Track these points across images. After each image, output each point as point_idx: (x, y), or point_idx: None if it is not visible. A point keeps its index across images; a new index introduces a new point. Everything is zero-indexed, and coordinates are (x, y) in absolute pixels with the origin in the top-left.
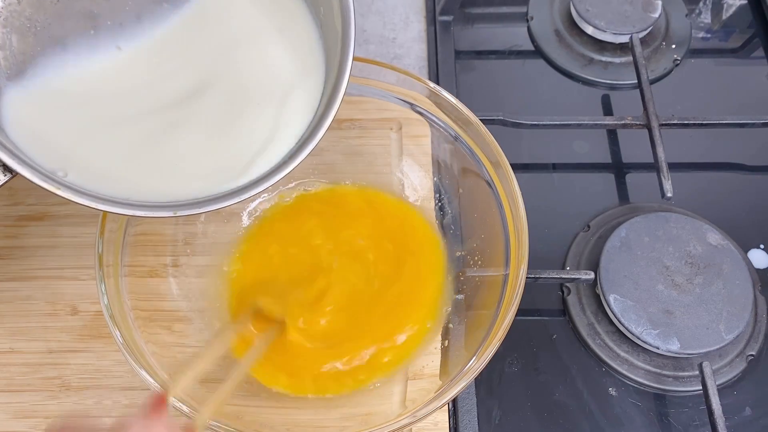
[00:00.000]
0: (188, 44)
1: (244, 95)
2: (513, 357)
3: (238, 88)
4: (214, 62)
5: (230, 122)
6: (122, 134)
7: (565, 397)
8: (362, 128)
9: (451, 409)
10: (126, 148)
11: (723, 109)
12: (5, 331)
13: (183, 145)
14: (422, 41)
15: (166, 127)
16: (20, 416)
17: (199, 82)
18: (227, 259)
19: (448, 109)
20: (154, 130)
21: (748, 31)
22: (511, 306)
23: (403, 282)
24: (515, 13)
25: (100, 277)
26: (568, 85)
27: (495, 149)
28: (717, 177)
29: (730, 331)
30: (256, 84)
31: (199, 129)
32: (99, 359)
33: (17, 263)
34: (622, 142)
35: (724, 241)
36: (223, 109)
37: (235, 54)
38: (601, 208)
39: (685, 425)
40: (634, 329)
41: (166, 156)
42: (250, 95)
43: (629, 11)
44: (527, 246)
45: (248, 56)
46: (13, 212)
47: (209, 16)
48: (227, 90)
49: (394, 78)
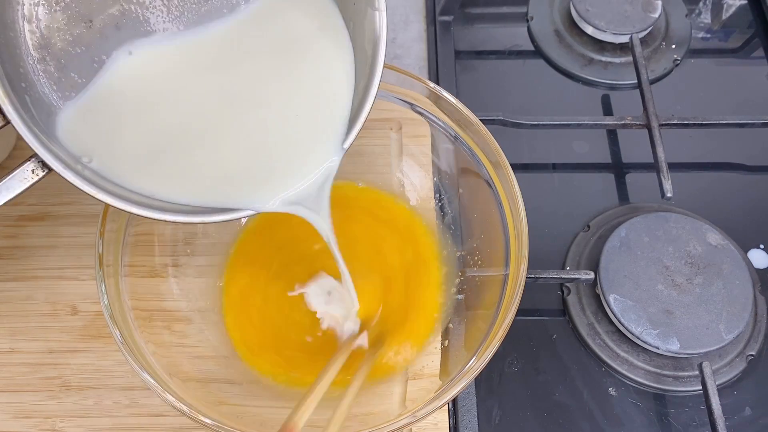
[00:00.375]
0: (237, 50)
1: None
2: (513, 357)
3: (285, 99)
4: (268, 72)
5: (272, 136)
6: (163, 131)
7: (565, 397)
8: (362, 128)
9: (451, 409)
10: (165, 146)
11: (723, 109)
12: (5, 331)
13: (222, 148)
14: (422, 41)
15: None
16: (20, 416)
17: (249, 90)
18: (226, 259)
19: (448, 109)
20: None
21: (748, 31)
22: (511, 306)
23: (403, 281)
24: (515, 13)
25: (100, 277)
26: (568, 85)
27: (495, 149)
28: (717, 177)
29: (730, 331)
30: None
31: (241, 135)
32: (99, 359)
33: (17, 263)
34: (622, 142)
35: (724, 241)
36: (268, 120)
37: (287, 64)
38: (601, 208)
39: (685, 425)
40: (634, 329)
41: (202, 160)
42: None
43: (629, 11)
44: (527, 246)
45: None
46: (13, 212)
47: (264, 21)
48: (274, 103)
49: (394, 78)
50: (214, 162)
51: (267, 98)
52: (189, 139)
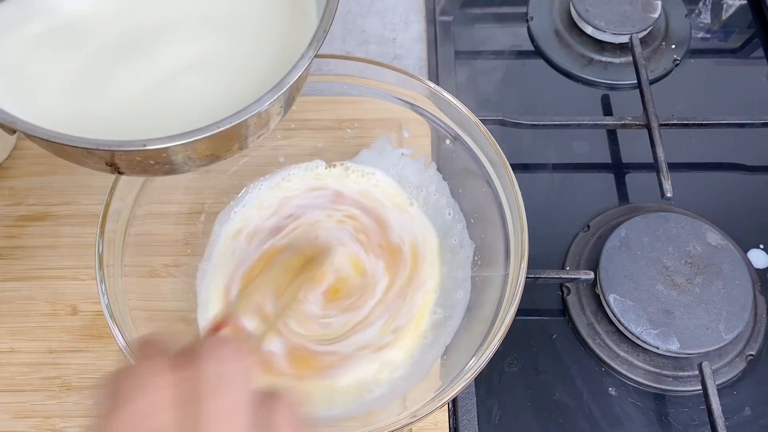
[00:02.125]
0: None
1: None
2: (513, 357)
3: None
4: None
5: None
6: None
7: (565, 397)
8: (362, 128)
9: (451, 408)
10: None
11: (723, 109)
12: (5, 331)
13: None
14: (422, 41)
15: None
16: (20, 416)
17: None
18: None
19: (448, 109)
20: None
21: (747, 31)
22: (511, 306)
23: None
24: (515, 13)
25: (101, 277)
26: (568, 85)
27: (495, 149)
28: (717, 177)
29: (730, 330)
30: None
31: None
32: (99, 359)
33: (17, 263)
34: (622, 142)
35: (723, 241)
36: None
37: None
38: (600, 208)
39: (685, 425)
40: (634, 329)
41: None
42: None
43: (629, 11)
44: (527, 246)
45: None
46: (13, 212)
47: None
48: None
49: (394, 78)
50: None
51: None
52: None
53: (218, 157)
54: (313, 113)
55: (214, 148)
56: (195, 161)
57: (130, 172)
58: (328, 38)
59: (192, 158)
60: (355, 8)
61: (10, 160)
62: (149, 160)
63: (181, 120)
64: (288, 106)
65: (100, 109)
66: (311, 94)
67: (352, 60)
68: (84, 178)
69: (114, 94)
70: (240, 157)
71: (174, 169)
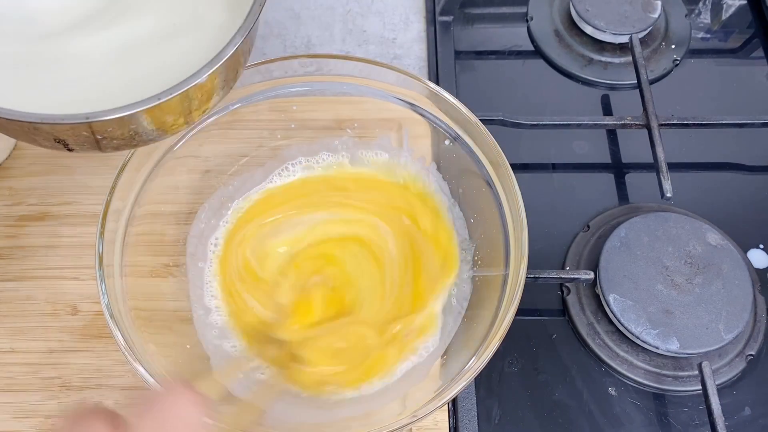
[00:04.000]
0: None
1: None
2: (513, 357)
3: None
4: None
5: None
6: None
7: (565, 397)
8: (362, 128)
9: (451, 408)
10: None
11: (723, 109)
12: (5, 331)
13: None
14: (422, 41)
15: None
16: (20, 416)
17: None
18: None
19: (448, 109)
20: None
21: (747, 31)
22: (511, 306)
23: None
24: (515, 13)
25: (101, 277)
26: (567, 85)
27: (495, 149)
28: (717, 177)
29: (730, 330)
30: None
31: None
32: (99, 359)
33: (17, 263)
34: (622, 142)
35: (723, 241)
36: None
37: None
38: (600, 208)
39: (685, 425)
40: (634, 329)
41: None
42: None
43: (629, 11)
44: (527, 246)
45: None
46: (13, 212)
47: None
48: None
49: (394, 78)
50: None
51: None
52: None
53: (165, 131)
54: (313, 113)
55: (159, 122)
56: (142, 136)
57: (80, 149)
58: (329, 38)
59: (138, 132)
60: (355, 8)
61: (10, 160)
62: (96, 134)
63: (130, 96)
64: (231, 81)
65: (48, 87)
66: (311, 94)
67: (352, 60)
68: (84, 178)
69: (62, 73)
70: (240, 157)
71: (122, 144)
